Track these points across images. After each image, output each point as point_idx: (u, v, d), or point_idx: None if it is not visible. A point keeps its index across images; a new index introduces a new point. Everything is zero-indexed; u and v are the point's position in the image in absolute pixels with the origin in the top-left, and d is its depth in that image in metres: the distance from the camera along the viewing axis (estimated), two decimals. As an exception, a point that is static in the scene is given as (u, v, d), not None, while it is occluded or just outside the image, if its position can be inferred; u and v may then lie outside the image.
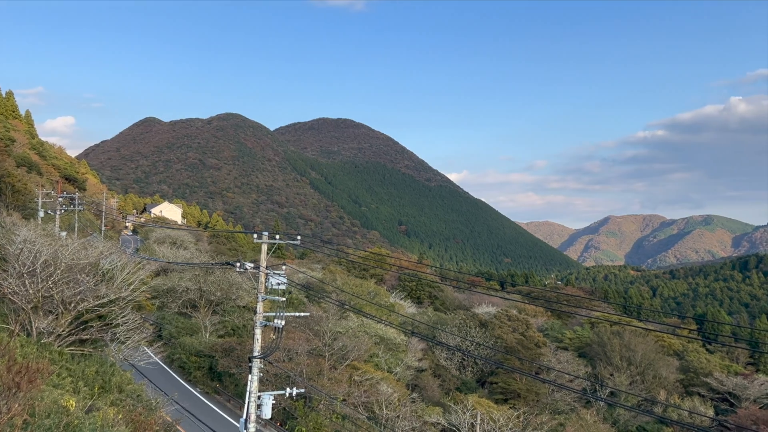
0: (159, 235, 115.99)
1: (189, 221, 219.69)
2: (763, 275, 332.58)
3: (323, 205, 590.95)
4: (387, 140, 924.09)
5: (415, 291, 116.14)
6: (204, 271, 68.26)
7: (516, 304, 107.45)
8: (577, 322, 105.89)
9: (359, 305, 72.26)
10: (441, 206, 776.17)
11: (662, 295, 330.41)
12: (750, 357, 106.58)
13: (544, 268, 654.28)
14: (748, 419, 59.75)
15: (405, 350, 67.80)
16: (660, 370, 77.82)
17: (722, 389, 77.94)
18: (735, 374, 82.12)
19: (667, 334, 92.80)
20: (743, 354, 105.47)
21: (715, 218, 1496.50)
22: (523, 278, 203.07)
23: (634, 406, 69.34)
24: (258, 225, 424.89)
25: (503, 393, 70.85)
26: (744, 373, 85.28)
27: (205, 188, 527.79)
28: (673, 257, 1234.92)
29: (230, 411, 49.35)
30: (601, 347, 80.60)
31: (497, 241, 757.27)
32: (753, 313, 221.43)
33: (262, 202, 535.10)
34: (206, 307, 66.69)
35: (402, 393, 52.94)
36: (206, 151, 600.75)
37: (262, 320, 31.62)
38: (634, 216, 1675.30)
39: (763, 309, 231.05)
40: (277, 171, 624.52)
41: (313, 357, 51.70)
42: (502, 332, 78.10)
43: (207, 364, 55.33)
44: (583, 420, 57.69)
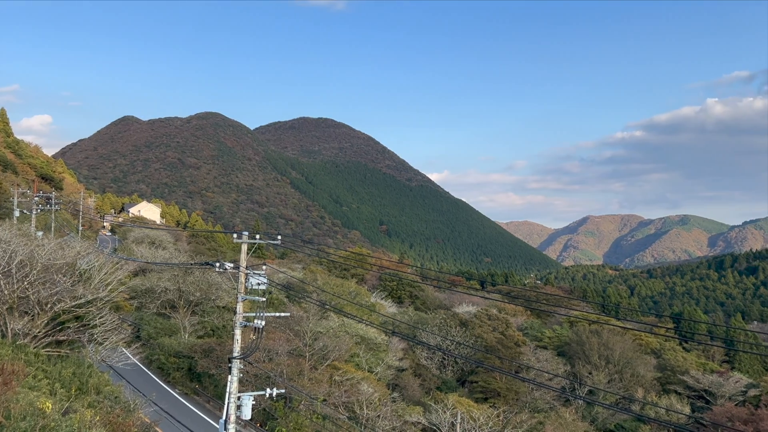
0: (137, 234, 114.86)
1: (168, 221, 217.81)
2: (738, 274, 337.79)
3: (304, 204, 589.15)
4: (368, 140, 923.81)
5: (395, 291, 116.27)
6: (183, 272, 67.70)
7: (496, 303, 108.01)
8: (556, 321, 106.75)
9: (340, 305, 72.16)
10: (422, 206, 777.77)
11: (640, 294, 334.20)
12: (725, 355, 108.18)
13: (523, 267, 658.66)
14: (724, 416, 60.62)
15: (386, 350, 67.82)
16: (638, 368, 78.70)
17: (698, 387, 79.02)
18: (711, 372, 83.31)
19: (644, 333, 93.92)
20: (719, 352, 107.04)
21: (691, 218, 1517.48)
22: (503, 278, 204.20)
23: (612, 405, 70.08)
24: (238, 225, 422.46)
25: (483, 392, 71.18)
26: (720, 371, 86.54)
27: (185, 188, 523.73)
28: (650, 257, 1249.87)
29: (210, 412, 49.01)
30: (580, 346, 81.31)
31: (477, 240, 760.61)
32: (728, 312, 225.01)
33: (242, 202, 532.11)
34: (185, 307, 66.16)
35: (382, 393, 52.95)
36: (185, 150, 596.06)
37: (242, 321, 31.45)
38: (613, 216, 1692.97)
39: (738, 308, 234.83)
40: (258, 170, 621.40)
41: (294, 357, 51.53)
42: (482, 331, 78.47)
43: (186, 365, 54.89)
44: (562, 418, 58.18)
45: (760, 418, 56.41)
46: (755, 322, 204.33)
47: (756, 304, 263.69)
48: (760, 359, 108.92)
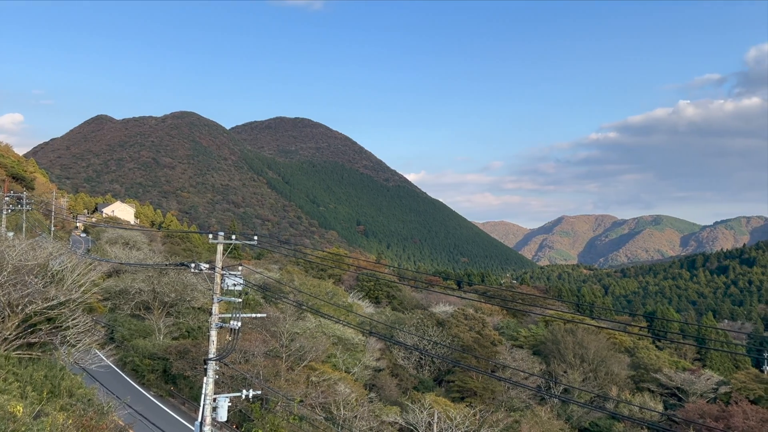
0: (111, 235, 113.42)
1: (142, 221, 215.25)
2: (710, 274, 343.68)
3: (281, 204, 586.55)
4: (345, 140, 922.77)
5: (373, 291, 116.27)
6: (158, 272, 67.01)
7: (473, 303, 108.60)
8: (531, 320, 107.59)
9: (317, 306, 71.98)
10: (399, 206, 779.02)
11: (614, 294, 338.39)
12: (697, 353, 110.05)
13: (499, 267, 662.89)
14: (696, 413, 61.64)
15: (363, 350, 67.79)
16: (612, 366, 79.64)
17: (671, 384, 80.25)
18: (683, 370, 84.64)
19: (618, 332, 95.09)
20: (691, 350, 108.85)
21: (664, 218, 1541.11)
22: (480, 277, 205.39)
23: (587, 403, 70.85)
24: (214, 225, 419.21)
25: (460, 391, 71.52)
26: (691, 368, 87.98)
27: (159, 187, 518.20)
28: (624, 256, 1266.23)
29: (185, 414, 48.58)
30: (555, 345, 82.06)
31: (454, 240, 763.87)
32: (700, 311, 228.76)
33: (217, 202, 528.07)
34: (160, 308, 65.50)
35: (360, 393, 52.92)
36: (160, 150, 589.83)
37: (218, 322, 31.23)
38: (587, 216, 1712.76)
39: (709, 306, 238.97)
40: (234, 170, 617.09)
41: (270, 358, 51.28)
42: (459, 331, 78.83)
43: (161, 366, 54.35)
44: (537, 417, 58.69)
45: (730, 414, 57.44)
46: (726, 321, 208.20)
47: (727, 302, 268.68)
48: (731, 357, 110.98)
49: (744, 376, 77.42)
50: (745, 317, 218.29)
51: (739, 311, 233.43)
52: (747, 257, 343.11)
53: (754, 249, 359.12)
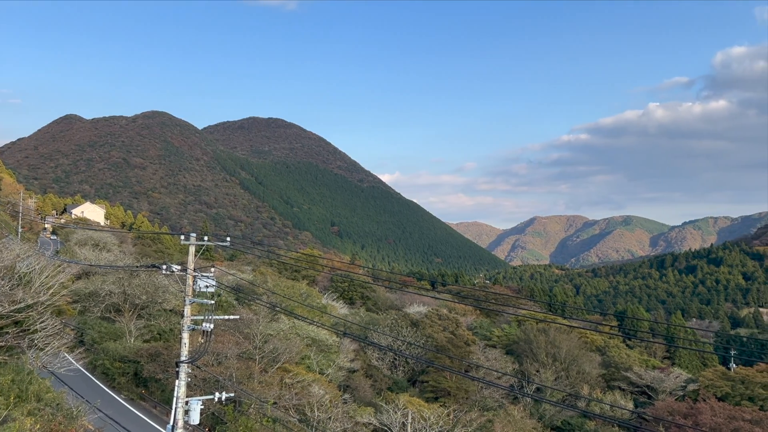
0: (80, 236, 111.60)
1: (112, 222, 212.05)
2: (678, 273, 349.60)
3: (254, 205, 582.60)
4: (319, 140, 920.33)
5: (347, 292, 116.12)
6: (128, 274, 66.15)
7: (446, 303, 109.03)
8: (504, 320, 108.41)
9: (291, 307, 71.64)
10: (373, 207, 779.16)
11: (585, 293, 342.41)
12: (666, 351, 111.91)
13: (473, 267, 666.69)
14: (665, 411, 62.59)
15: (337, 351, 67.65)
16: (583, 365, 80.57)
17: (641, 383, 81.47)
18: (653, 368, 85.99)
19: (589, 331, 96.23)
20: (660, 349, 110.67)
21: (634, 219, 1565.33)
22: (454, 278, 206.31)
23: (559, 401, 71.58)
24: (185, 226, 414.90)
25: (434, 391, 71.72)
26: (661, 366, 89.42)
27: (130, 188, 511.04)
28: (595, 256, 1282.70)
29: (157, 417, 48.01)
30: (528, 344, 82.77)
31: (428, 241, 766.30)
32: (669, 309, 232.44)
33: (189, 203, 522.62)
34: (131, 311, 64.62)
35: (334, 394, 52.79)
36: (131, 150, 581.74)
37: (190, 324, 30.92)
38: (559, 216, 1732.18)
39: (678, 305, 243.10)
40: (206, 171, 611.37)
41: (244, 360, 50.92)
42: (432, 331, 79.08)
43: (132, 369, 53.67)
44: (510, 416, 59.07)
45: (699, 411, 58.48)
46: (694, 320, 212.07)
47: (695, 301, 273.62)
48: (699, 355, 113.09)
49: (711, 374, 78.86)
50: (713, 316, 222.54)
51: (707, 310, 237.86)
52: (714, 257, 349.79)
53: (720, 249, 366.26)
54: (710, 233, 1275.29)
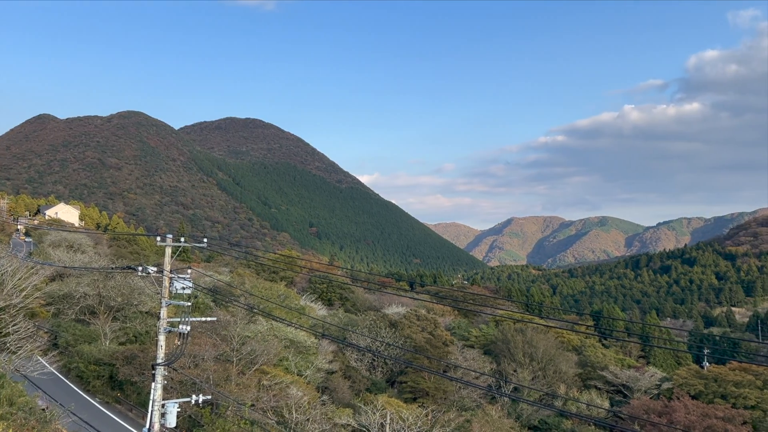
0: (54, 238, 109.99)
1: (87, 223, 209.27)
2: (653, 273, 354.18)
3: (231, 206, 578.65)
4: (297, 141, 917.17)
5: (326, 293, 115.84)
6: (104, 276, 65.36)
7: (425, 303, 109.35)
8: (482, 320, 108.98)
9: (269, 308, 71.30)
10: (352, 208, 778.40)
11: (562, 293, 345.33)
12: (641, 350, 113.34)
13: (451, 268, 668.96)
14: (640, 409, 63.39)
15: (315, 353, 67.46)
16: (560, 365, 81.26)
17: (617, 382, 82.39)
18: (628, 367, 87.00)
19: (566, 331, 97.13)
20: (635, 348, 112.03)
21: (609, 219, 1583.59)
22: (432, 278, 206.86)
23: (536, 401, 72.09)
24: (162, 227, 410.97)
25: (412, 392, 71.85)
26: (636, 365, 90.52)
27: (105, 189, 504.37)
28: (571, 257, 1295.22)
29: (132, 421, 47.47)
30: (505, 344, 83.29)
31: (407, 242, 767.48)
32: (644, 309, 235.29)
33: (166, 204, 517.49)
34: (106, 313, 63.81)
35: (312, 396, 52.64)
36: (106, 150, 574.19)
37: (167, 326, 30.65)
38: (536, 217, 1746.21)
39: (653, 305, 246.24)
40: (183, 171, 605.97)
41: (221, 362, 50.55)
42: (411, 332, 79.22)
43: (107, 372, 53.01)
44: (488, 416, 59.39)
45: (673, 409, 59.32)
46: (668, 319, 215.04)
47: (669, 301, 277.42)
48: (673, 354, 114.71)
49: (685, 372, 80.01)
50: (687, 315, 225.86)
51: (681, 309, 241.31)
52: (688, 257, 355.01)
53: (694, 249, 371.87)
54: (684, 234, 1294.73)
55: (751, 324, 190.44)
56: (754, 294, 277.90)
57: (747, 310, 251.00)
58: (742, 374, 72.07)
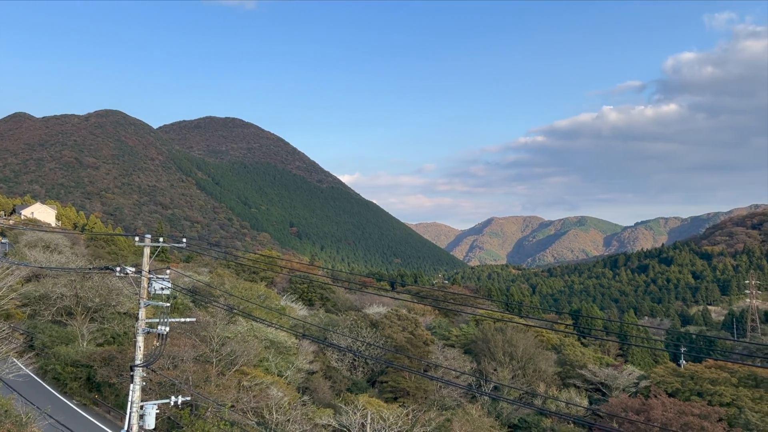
0: (30, 238, 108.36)
1: (64, 223, 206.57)
2: (631, 272, 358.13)
3: (210, 206, 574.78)
4: (277, 140, 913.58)
5: (306, 293, 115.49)
6: (81, 277, 64.58)
7: (406, 303, 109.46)
8: (463, 319, 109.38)
9: (248, 309, 70.95)
10: (333, 208, 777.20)
11: (541, 293, 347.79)
12: (619, 349, 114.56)
13: (432, 267, 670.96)
14: (619, 407, 64.03)
15: (296, 353, 67.25)
16: (539, 363, 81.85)
17: (595, 380, 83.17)
18: (606, 365, 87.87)
19: (545, 330, 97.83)
20: (614, 346, 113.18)
21: (588, 219, 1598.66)
22: (413, 278, 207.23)
23: (516, 400, 72.53)
24: (140, 227, 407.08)
25: (393, 391, 71.93)
26: (614, 364, 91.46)
27: (82, 188, 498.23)
28: (550, 256, 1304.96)
29: (110, 423, 46.99)
30: (486, 343, 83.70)
31: (388, 242, 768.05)
32: (622, 308, 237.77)
33: (144, 204, 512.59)
34: (83, 314, 63.06)
35: (292, 396, 52.49)
36: (83, 149, 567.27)
37: (145, 327, 30.39)
38: (516, 217, 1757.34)
39: (631, 304, 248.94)
40: (161, 171, 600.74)
41: (200, 363, 50.20)
42: (392, 332, 79.28)
43: (85, 374, 52.42)
44: (468, 415, 59.63)
45: (650, 407, 60.01)
46: (646, 318, 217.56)
47: (647, 300, 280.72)
48: (651, 352, 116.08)
49: (662, 370, 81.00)
50: (664, 314, 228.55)
51: (658, 308, 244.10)
52: (665, 257, 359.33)
53: (671, 249, 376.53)
54: (661, 233, 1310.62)
55: (726, 322, 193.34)
56: (729, 293, 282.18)
57: (723, 308, 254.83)
58: (717, 372, 73.11)
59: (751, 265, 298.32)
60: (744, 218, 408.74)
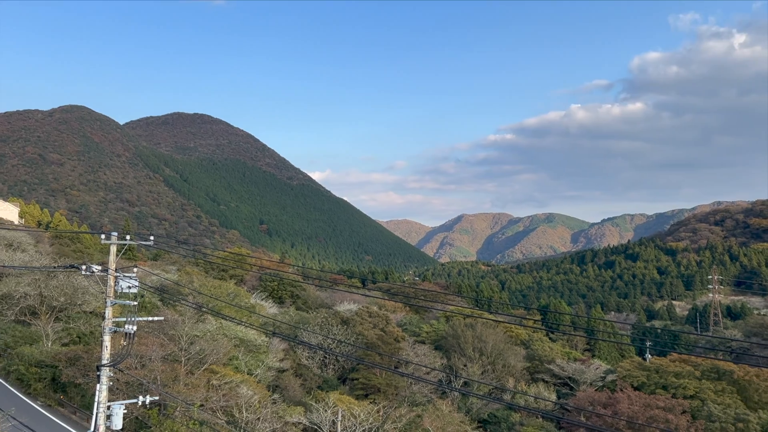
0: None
1: (27, 221, 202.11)
2: (598, 268, 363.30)
3: (179, 203, 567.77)
4: (247, 137, 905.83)
5: (276, 291, 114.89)
6: (45, 275, 63.29)
7: (377, 300, 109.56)
8: (433, 316, 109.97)
9: (218, 307, 70.36)
10: (303, 205, 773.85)
11: (510, 289, 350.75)
12: (587, 344, 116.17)
13: (403, 264, 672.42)
14: (586, 401, 65.05)
15: (266, 351, 66.91)
16: (509, 359, 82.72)
17: (563, 374, 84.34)
18: (574, 360, 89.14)
19: (514, 325, 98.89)
20: (581, 341, 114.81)
21: (556, 216, 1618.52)
22: (384, 275, 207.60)
23: (485, 395, 73.24)
24: (106, 225, 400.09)
25: (364, 388, 72.03)
26: (582, 358, 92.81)
27: (46, 185, 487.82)
28: (519, 253, 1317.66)
29: (76, 424, 46.23)
30: (456, 339, 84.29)
31: (359, 239, 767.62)
32: (589, 303, 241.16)
33: (110, 201, 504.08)
34: (48, 313, 61.85)
35: (263, 395, 52.22)
36: (47, 146, 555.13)
37: (112, 326, 29.95)
38: (485, 214, 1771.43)
39: (597, 299, 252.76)
40: (128, 167, 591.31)
41: (169, 362, 49.65)
42: (363, 329, 79.34)
43: (49, 374, 51.49)
44: (439, 410, 60.04)
45: (617, 400, 61.09)
46: (612, 313, 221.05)
47: (613, 295, 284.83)
48: (617, 346, 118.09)
49: (629, 364, 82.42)
50: (630, 309, 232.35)
51: (624, 303, 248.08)
52: (631, 253, 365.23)
53: (637, 245, 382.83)
54: (627, 230, 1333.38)
55: (690, 317, 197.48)
56: (693, 288, 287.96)
57: (687, 303, 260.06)
58: (681, 365, 74.70)
59: (714, 260, 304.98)
60: (707, 215, 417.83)
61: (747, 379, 69.79)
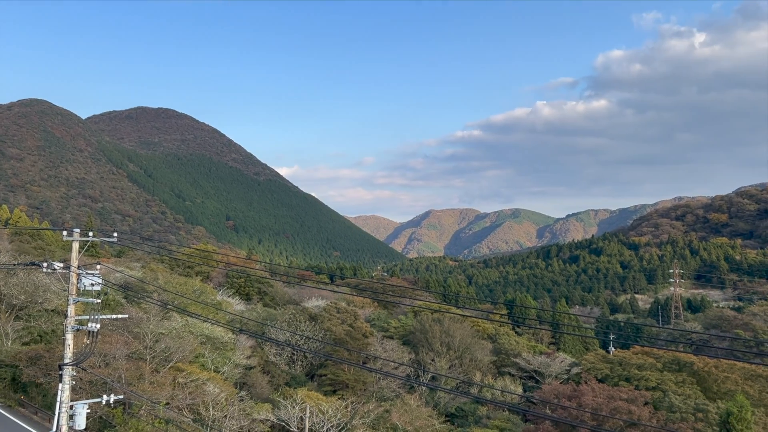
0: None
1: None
2: (563, 263, 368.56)
3: (143, 199, 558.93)
4: (213, 132, 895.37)
5: (243, 287, 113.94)
6: (5, 273, 61.78)
7: (345, 296, 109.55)
8: (401, 311, 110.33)
9: (183, 304, 69.48)
10: (270, 201, 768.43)
11: (477, 283, 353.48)
12: (552, 337, 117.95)
13: (371, 260, 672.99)
14: (551, 394, 65.94)
15: (233, 348, 66.36)
16: (476, 353, 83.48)
17: (529, 368, 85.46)
18: (540, 354, 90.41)
19: (481, 320, 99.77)
20: (546, 335, 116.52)
21: (522, 212, 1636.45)
22: (352, 271, 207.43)
23: (453, 389, 73.83)
24: (68, 221, 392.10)
25: (332, 384, 71.97)
26: (547, 352, 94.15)
27: (5, 181, 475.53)
28: (486, 248, 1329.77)
29: (38, 424, 45.29)
30: (423, 334, 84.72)
31: (327, 235, 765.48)
32: (554, 297, 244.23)
33: (72, 197, 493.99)
34: (8, 312, 60.37)
35: (230, 392, 51.81)
36: (5, 140, 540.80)
37: (75, 324, 29.39)
38: (453, 210, 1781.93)
39: (562, 293, 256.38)
40: (90, 162, 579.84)
41: (133, 361, 48.94)
42: (331, 324, 79.22)
43: (9, 374, 50.37)
44: (407, 405, 60.34)
45: (581, 393, 62.06)
46: (577, 306, 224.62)
47: (578, 289, 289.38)
48: (581, 340, 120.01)
49: (593, 357, 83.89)
50: (594, 302, 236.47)
51: (589, 297, 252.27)
52: (595, 247, 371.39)
53: (601, 240, 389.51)
54: (591, 225, 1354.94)
55: (652, 310, 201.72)
56: (655, 281, 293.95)
57: (649, 296, 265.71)
58: (644, 357, 76.28)
59: (675, 254, 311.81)
60: (668, 210, 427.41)
61: (706, 371, 71.65)
